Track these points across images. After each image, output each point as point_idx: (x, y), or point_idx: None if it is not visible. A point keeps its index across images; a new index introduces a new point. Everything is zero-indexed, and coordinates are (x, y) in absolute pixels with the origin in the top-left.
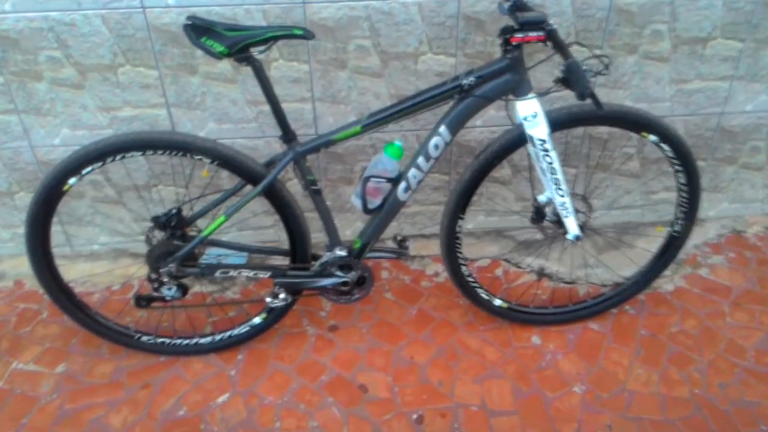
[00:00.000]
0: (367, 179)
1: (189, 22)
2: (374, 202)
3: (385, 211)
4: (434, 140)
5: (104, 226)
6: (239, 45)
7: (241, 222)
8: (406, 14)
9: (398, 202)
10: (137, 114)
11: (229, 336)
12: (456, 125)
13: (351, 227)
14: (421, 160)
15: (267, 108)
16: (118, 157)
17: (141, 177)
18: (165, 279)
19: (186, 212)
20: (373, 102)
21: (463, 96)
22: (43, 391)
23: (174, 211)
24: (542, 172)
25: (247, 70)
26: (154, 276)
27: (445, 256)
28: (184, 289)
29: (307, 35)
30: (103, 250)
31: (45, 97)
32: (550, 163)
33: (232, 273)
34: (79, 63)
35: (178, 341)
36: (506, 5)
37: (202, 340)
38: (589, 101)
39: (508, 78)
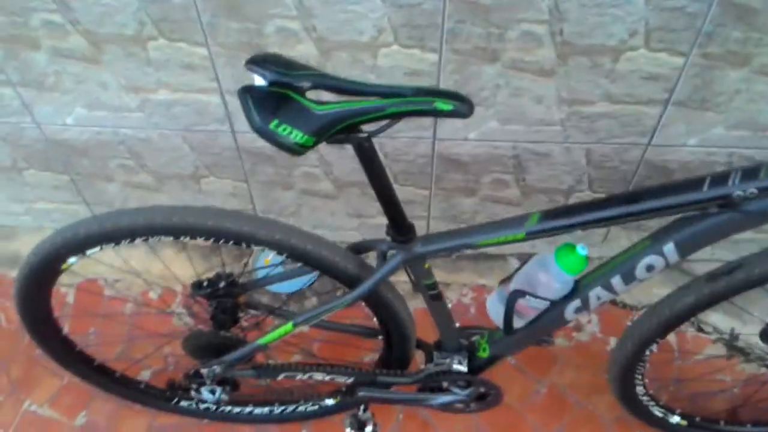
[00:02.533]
0: (519, 294)
1: (251, 80)
2: (523, 319)
3: (538, 327)
4: (649, 259)
5: None
6: (336, 128)
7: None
8: None
9: (561, 322)
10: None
11: (293, 411)
12: (693, 247)
13: None
14: (617, 280)
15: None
16: (138, 239)
17: (186, 166)
18: (207, 381)
19: (240, 276)
20: None
21: (723, 209)
22: None
23: (223, 281)
24: None
25: None
26: (191, 372)
27: (615, 381)
28: (234, 387)
29: (461, 111)
30: None
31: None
32: None
33: (300, 376)
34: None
35: (227, 408)
36: None
37: (258, 410)
38: None
39: None
